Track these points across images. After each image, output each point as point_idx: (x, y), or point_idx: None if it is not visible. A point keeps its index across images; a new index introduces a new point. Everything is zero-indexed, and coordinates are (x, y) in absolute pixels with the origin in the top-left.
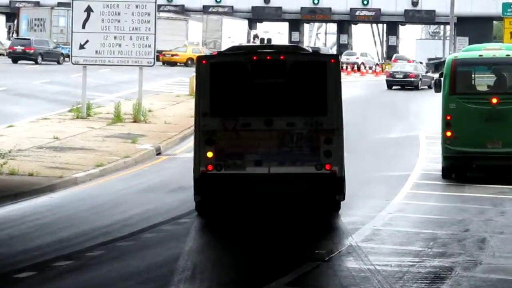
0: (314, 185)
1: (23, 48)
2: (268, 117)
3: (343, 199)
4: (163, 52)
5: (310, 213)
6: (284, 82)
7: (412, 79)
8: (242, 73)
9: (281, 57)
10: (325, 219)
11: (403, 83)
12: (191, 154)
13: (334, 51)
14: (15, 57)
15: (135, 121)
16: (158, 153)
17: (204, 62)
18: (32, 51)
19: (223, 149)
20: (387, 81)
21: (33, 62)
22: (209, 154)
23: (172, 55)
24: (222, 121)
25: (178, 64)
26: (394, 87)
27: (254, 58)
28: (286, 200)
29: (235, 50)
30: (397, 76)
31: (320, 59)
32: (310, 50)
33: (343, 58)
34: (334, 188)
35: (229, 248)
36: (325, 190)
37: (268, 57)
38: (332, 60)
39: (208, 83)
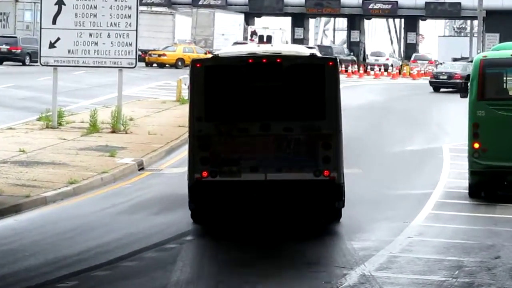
0: (313, 192)
1: (8, 47)
2: (264, 122)
3: (343, 206)
4: (149, 52)
5: (316, 235)
6: (281, 85)
7: (458, 81)
8: (237, 77)
9: (278, 60)
10: (333, 243)
11: (447, 85)
12: (179, 170)
13: (345, 49)
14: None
15: (114, 131)
16: (141, 168)
17: (198, 65)
18: (18, 51)
19: (218, 155)
20: (431, 82)
21: (20, 63)
22: (204, 160)
23: (159, 55)
24: (217, 126)
25: (166, 65)
26: (442, 90)
27: (250, 61)
28: (284, 208)
29: (235, 52)
30: (440, 77)
31: (318, 62)
32: (316, 50)
33: (371, 59)
34: (333, 195)
35: (223, 279)
36: (324, 197)
37: (264, 60)
38: (330, 63)
39: (202, 87)
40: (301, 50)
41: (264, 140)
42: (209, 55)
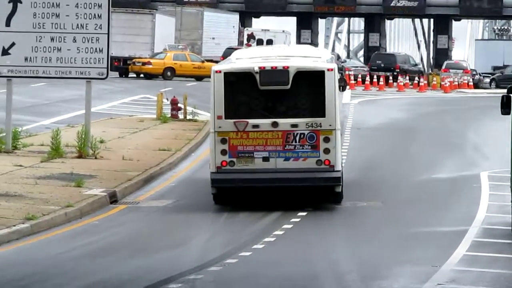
0: (315, 178)
1: None
2: (274, 120)
3: (341, 190)
4: (134, 60)
5: (326, 280)
6: (288, 88)
7: None
8: (251, 81)
9: (285, 67)
10: None
11: None
12: (159, 202)
13: (410, 58)
14: None
15: (80, 156)
16: (113, 200)
17: (218, 71)
18: None
19: (235, 148)
20: None
21: None
22: (224, 152)
23: (144, 64)
24: (234, 123)
25: (154, 76)
26: None
27: (262, 68)
28: (291, 193)
29: (250, 55)
30: None
31: (319, 68)
32: (328, 54)
33: (453, 73)
34: (333, 180)
35: None
36: (324, 183)
37: (273, 67)
38: (330, 69)
39: (222, 90)
40: (310, 53)
41: (274, 135)
42: (209, 64)
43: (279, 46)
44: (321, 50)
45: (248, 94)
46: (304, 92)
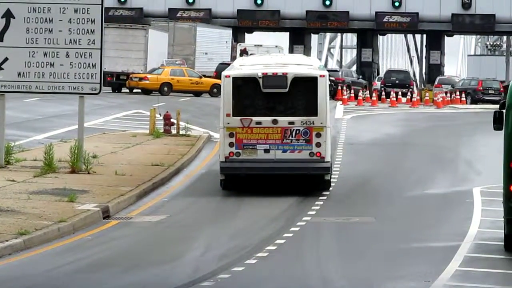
0: (308, 168)
1: None
2: (274, 117)
3: (330, 178)
4: (131, 75)
5: None
6: (286, 91)
7: None
8: (255, 84)
9: (284, 73)
10: None
11: None
12: (152, 218)
13: (353, 71)
14: None
15: (73, 171)
16: (106, 215)
17: (227, 76)
18: None
19: (241, 141)
20: None
21: None
22: (231, 144)
23: (140, 79)
24: (240, 120)
25: (151, 91)
26: None
27: (264, 73)
28: (288, 183)
29: (252, 62)
30: None
31: (313, 74)
32: (316, 62)
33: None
34: (323, 170)
35: None
36: (316, 172)
37: (274, 73)
38: (321, 76)
39: (230, 92)
40: (303, 61)
41: (274, 130)
42: (207, 79)
43: (276, 54)
44: (312, 59)
45: (252, 95)
46: (300, 95)
